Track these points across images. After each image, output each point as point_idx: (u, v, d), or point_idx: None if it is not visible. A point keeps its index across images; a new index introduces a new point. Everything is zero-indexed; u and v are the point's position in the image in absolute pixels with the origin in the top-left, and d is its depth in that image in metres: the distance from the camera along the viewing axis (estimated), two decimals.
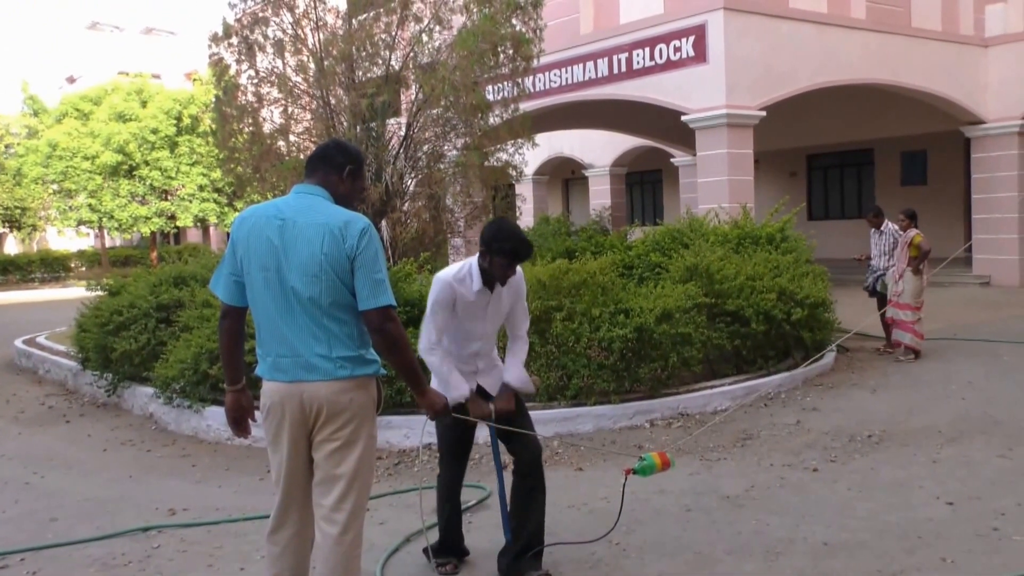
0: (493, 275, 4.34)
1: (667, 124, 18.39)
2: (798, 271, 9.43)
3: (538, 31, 11.94)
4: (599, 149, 22.85)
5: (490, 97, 12.41)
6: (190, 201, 26.51)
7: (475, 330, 4.48)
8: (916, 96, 15.85)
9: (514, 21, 11.98)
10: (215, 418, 8.11)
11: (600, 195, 23.29)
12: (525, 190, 23.74)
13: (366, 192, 11.72)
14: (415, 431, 7.56)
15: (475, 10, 12.12)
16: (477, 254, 4.40)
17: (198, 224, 28.21)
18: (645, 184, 26.79)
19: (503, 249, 4.23)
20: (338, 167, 3.53)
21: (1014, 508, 5.14)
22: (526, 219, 23.24)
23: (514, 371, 4.71)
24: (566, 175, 27.59)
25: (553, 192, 27.85)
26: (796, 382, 8.91)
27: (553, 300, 7.94)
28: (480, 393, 4.54)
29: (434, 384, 4.38)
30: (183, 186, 26.44)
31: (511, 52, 12.14)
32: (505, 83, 12.63)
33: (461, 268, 4.37)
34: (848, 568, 4.40)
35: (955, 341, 11.15)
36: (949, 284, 16.44)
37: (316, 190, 3.48)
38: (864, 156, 21.73)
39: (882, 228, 10.82)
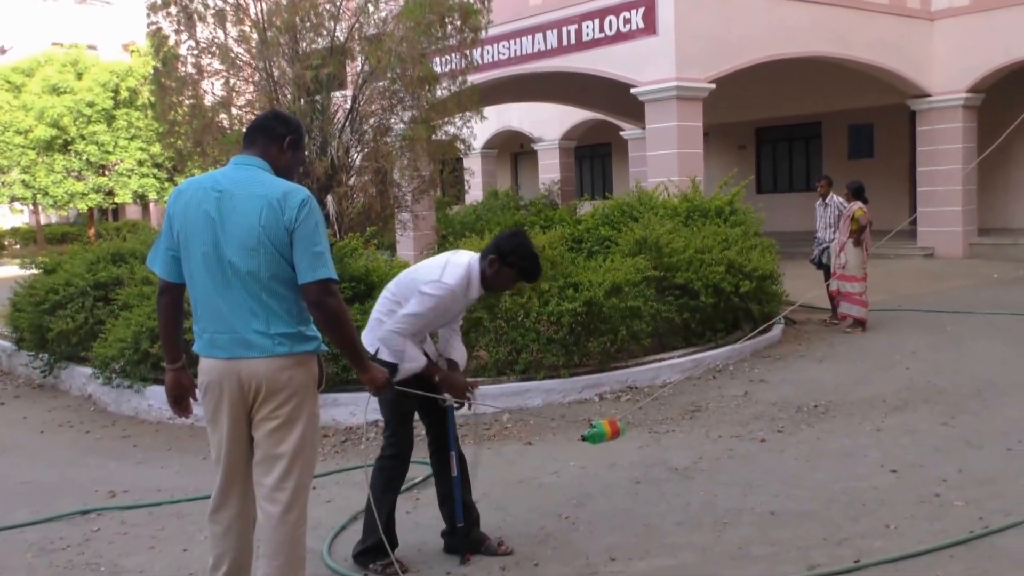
0: (493, 284, 4.33)
1: (617, 97, 18.39)
2: (747, 244, 9.53)
3: (486, 1, 11.84)
4: (548, 122, 22.83)
5: (438, 69, 12.30)
6: (129, 176, 25.93)
7: (442, 323, 4.52)
8: (864, 69, 16.03)
9: None
10: (156, 398, 7.99)
11: (549, 169, 23.30)
12: (473, 164, 23.70)
13: (307, 164, 11.61)
14: (361, 408, 7.52)
15: None
16: (476, 257, 4.33)
17: (137, 200, 27.64)
18: (595, 158, 26.85)
19: (521, 266, 4.27)
20: (277, 138, 3.47)
21: (956, 475, 5.27)
22: (475, 193, 23.20)
23: (459, 348, 4.73)
24: (515, 149, 27.54)
25: (502, 166, 27.80)
26: (744, 354, 9.03)
27: None
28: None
29: (384, 356, 4.31)
30: (121, 161, 25.85)
31: (459, 23, 12.04)
32: (453, 55, 12.53)
33: (461, 275, 4.25)
34: (795, 536, 4.48)
35: (900, 312, 11.37)
36: (894, 256, 16.72)
37: (255, 161, 3.42)
38: (812, 129, 21.98)
39: (827, 200, 10.97)
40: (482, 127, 16.56)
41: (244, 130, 11.81)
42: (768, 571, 4.12)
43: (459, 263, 4.31)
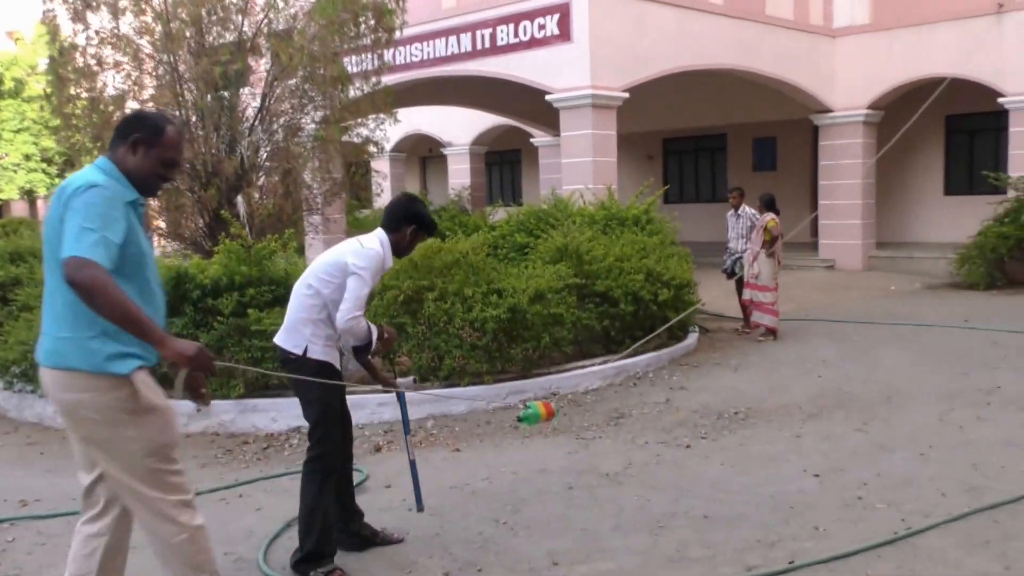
0: (409, 248, 4.59)
1: (529, 103, 18.56)
2: (664, 253, 9.78)
3: (401, 1, 11.85)
4: (459, 127, 22.89)
5: (351, 69, 12.25)
6: (15, 171, 24.94)
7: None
8: (769, 83, 16.60)
9: None
10: None
11: (459, 174, 23.36)
12: (382, 167, 23.54)
13: (216, 163, 11.40)
14: (283, 414, 7.47)
15: None
16: (378, 230, 4.50)
17: (24, 196, 26.59)
18: (504, 164, 27.01)
19: (428, 224, 4.56)
20: (123, 137, 3.29)
21: (875, 479, 5.53)
22: (386, 196, 23.03)
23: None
24: (424, 153, 27.49)
25: (411, 170, 27.72)
26: (663, 362, 9.27)
27: (425, 280, 7.96)
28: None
29: (315, 355, 4.37)
30: (7, 155, 24.85)
31: (372, 23, 12.03)
32: (366, 55, 12.49)
33: (379, 244, 4.44)
34: (730, 539, 4.64)
35: (808, 322, 11.81)
36: (797, 267, 17.33)
37: (103, 163, 3.27)
38: (718, 141, 22.60)
39: (739, 211, 11.33)
40: (391, 131, 16.52)
41: None
42: (706, 573, 4.27)
43: (371, 237, 4.50)
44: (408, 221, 4.48)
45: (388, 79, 13.06)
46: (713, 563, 4.37)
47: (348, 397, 4.71)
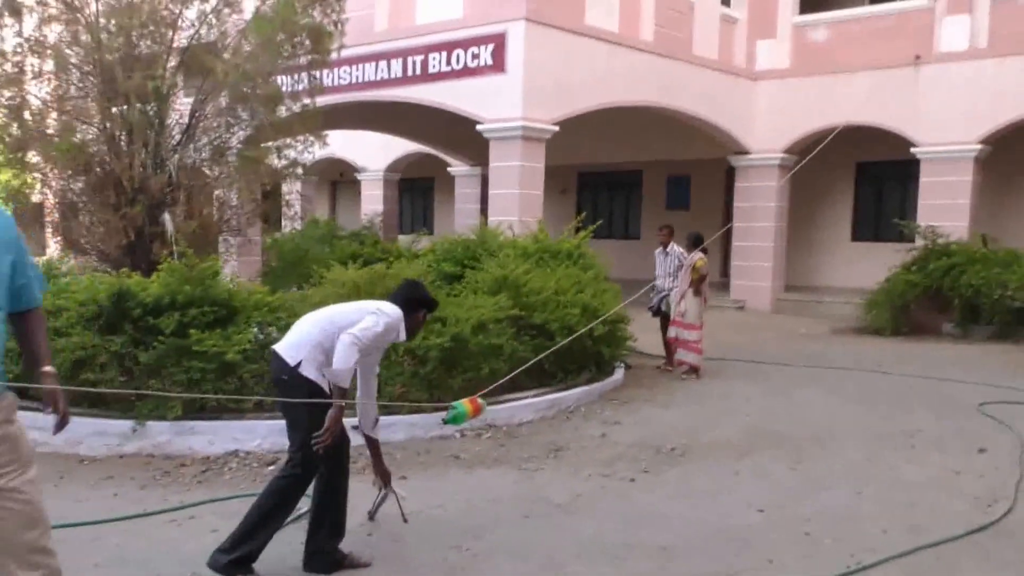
0: (414, 332, 5.17)
1: (449, 131, 18.94)
2: (599, 288, 10.13)
3: (340, 24, 12.03)
4: (373, 152, 22.99)
5: (283, 89, 12.36)
6: None
7: (374, 363, 5.27)
8: (692, 123, 17.28)
9: (314, 11, 12.00)
10: None
11: (372, 200, 23.45)
12: (292, 191, 23.44)
13: (142, 180, 11.33)
14: (220, 437, 7.52)
15: None
16: (391, 308, 4.93)
17: None
18: (416, 192, 27.20)
19: (434, 307, 5.33)
20: None
21: (817, 515, 5.94)
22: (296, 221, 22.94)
23: (373, 412, 5.58)
24: (334, 177, 27.48)
25: (320, 194, 27.66)
26: (593, 396, 9.60)
27: None
28: None
29: (307, 373, 4.69)
30: None
31: (308, 44, 12.16)
32: (298, 75, 12.61)
33: (396, 315, 4.91)
34: (690, 569, 4.97)
35: (726, 362, 12.32)
36: (709, 307, 17.92)
37: None
38: (633, 177, 23.29)
39: (668, 249, 11.81)
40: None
41: (77, 140, 11.38)
42: None
43: (390, 305, 4.95)
44: (422, 306, 5.11)
45: (309, 101, 13.18)
46: None
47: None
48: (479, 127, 13.79)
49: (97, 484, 6.69)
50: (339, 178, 27.20)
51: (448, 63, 14.02)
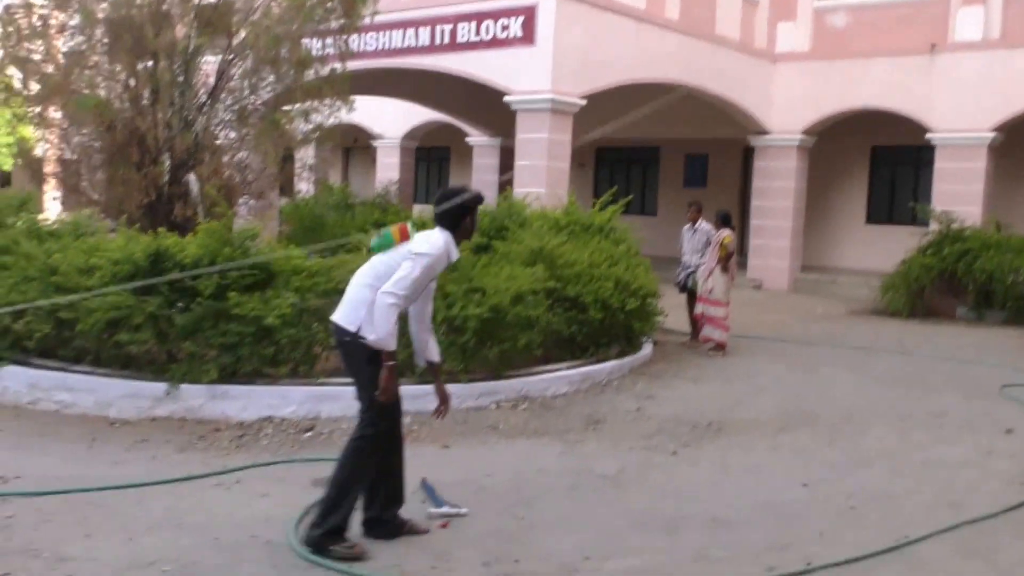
0: (470, 236, 4.93)
1: (473, 101, 18.80)
2: (631, 262, 10.09)
3: None
4: (391, 119, 22.81)
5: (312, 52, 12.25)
6: None
7: (428, 297, 5.01)
8: (714, 102, 17.19)
9: None
10: (14, 379, 7.66)
11: (388, 168, 23.31)
12: (306, 156, 23.30)
13: (169, 139, 11.26)
14: (255, 403, 7.49)
15: None
16: (436, 230, 4.74)
17: None
18: (432, 161, 27.06)
19: (479, 201, 4.92)
20: None
21: (860, 491, 5.93)
22: (308, 187, 22.83)
23: (434, 345, 5.20)
24: (347, 143, 27.33)
25: (333, 160, 27.52)
26: (624, 370, 9.58)
27: None
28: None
29: (367, 335, 4.59)
30: None
31: (340, 9, 12.04)
32: (325, 39, 12.50)
33: (442, 240, 4.70)
34: (744, 540, 4.96)
35: (750, 339, 12.29)
36: None
37: None
38: (651, 154, 23.21)
39: (696, 226, 11.76)
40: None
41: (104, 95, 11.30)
42: (732, 571, 4.57)
43: (433, 233, 4.74)
44: (466, 211, 4.80)
45: (338, 66, 13.07)
46: (735, 563, 4.68)
47: None
48: (507, 98, 13.70)
49: (132, 447, 6.65)
50: (352, 144, 27.03)
51: (477, 33, 13.91)
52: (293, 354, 7.70)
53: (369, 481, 4.71)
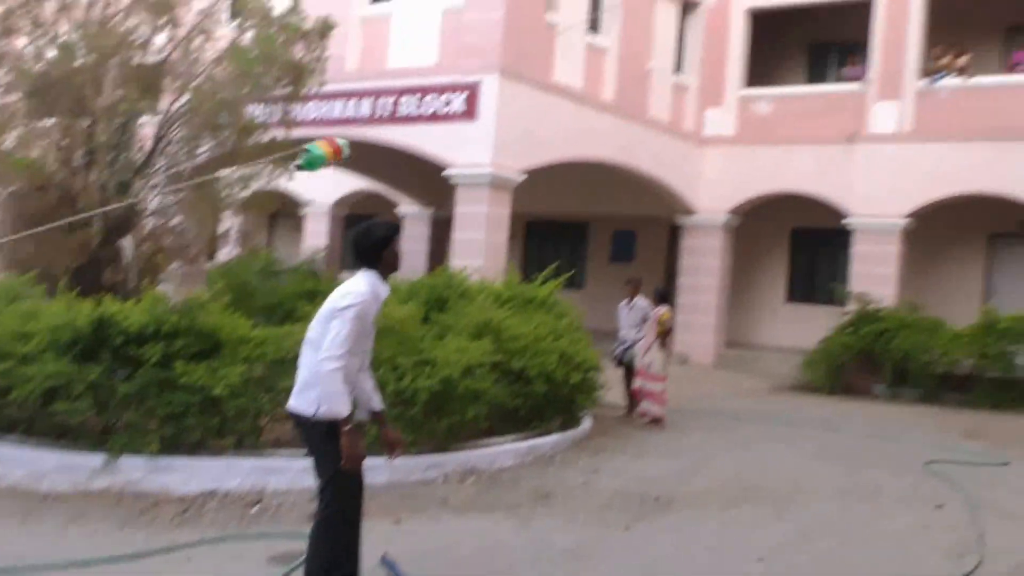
0: (395, 266, 4.77)
1: (407, 172, 18.92)
2: (574, 336, 10.15)
3: (321, 62, 11.95)
4: (321, 187, 22.66)
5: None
6: None
7: (367, 344, 4.79)
8: (645, 182, 17.57)
9: (295, 48, 11.90)
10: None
11: (317, 235, 23.11)
12: (233, 221, 23.01)
13: (103, 202, 11.01)
14: (197, 476, 7.26)
15: (252, 26, 11.90)
16: (360, 271, 4.66)
17: None
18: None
19: (395, 232, 4.78)
20: None
21: (813, 564, 6.07)
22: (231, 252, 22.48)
23: (377, 394, 5.04)
24: (272, 210, 27.06)
25: (258, 226, 27.20)
26: (567, 443, 9.57)
27: None
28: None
29: (324, 414, 4.47)
30: None
31: (286, 79, 12.04)
32: (269, 106, 12.46)
33: (365, 282, 4.59)
34: None
35: (683, 413, 12.37)
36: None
37: None
38: (580, 229, 23.49)
39: (633, 302, 11.93)
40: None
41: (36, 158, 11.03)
42: None
43: (354, 280, 4.66)
44: (383, 246, 4.68)
45: (279, 133, 13.03)
46: None
47: None
48: (447, 172, 13.80)
49: (69, 523, 6.38)
50: (279, 210, 26.76)
51: (419, 107, 14.03)
52: (239, 425, 7.52)
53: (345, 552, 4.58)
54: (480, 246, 13.48)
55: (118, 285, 11.47)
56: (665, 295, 11.58)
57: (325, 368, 4.40)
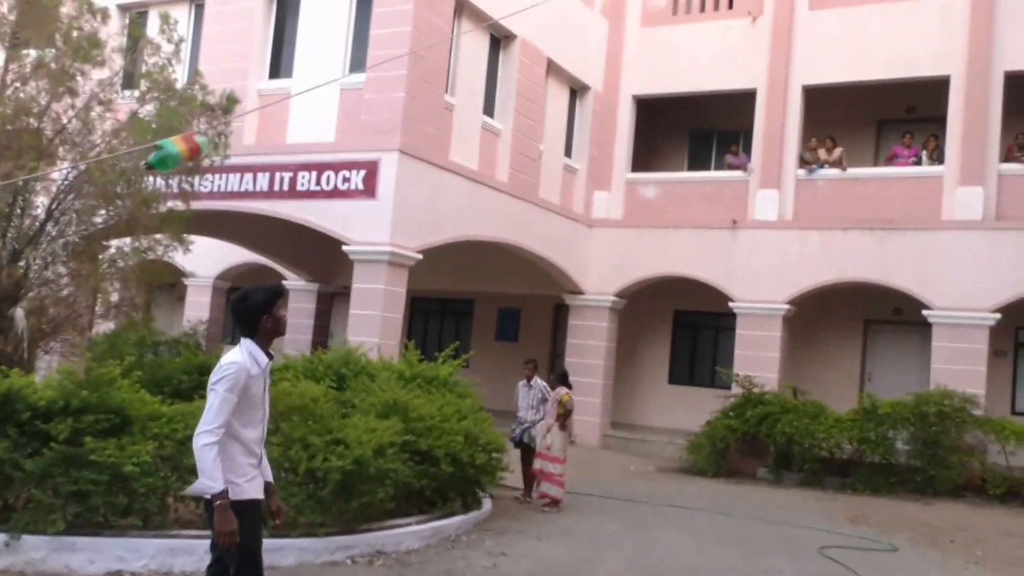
0: (279, 332, 4.78)
1: (294, 246, 18.94)
2: (478, 416, 10.34)
3: (225, 137, 12.01)
4: (204, 258, 22.37)
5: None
6: None
7: (258, 414, 4.76)
8: (535, 261, 18.04)
9: (199, 122, 11.95)
10: None
11: (198, 307, 22.72)
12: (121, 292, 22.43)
13: None
14: (103, 555, 7.13)
15: (153, 98, 11.93)
16: (241, 340, 4.70)
17: None
18: None
19: (277, 296, 4.74)
20: None
21: None
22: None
23: (267, 466, 5.01)
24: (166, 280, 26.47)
25: (138, 296, 26.49)
26: (469, 525, 9.70)
27: (269, 423, 7.99)
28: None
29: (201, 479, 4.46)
30: None
31: None
32: (166, 177, 12.41)
33: (240, 353, 4.62)
34: None
35: (576, 496, 12.64)
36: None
37: None
38: (465, 306, 23.80)
39: (532, 383, 12.21)
40: None
41: None
42: None
43: (231, 351, 4.72)
44: (261, 312, 4.70)
45: (177, 205, 12.96)
46: None
47: None
48: (345, 248, 13.90)
49: None
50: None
51: (318, 183, 14.15)
52: (147, 503, 7.41)
53: None
54: (376, 323, 13.58)
55: (7, 355, 11.15)
56: (565, 377, 11.90)
57: (197, 443, 4.42)
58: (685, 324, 21.78)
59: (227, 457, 4.54)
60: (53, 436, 7.16)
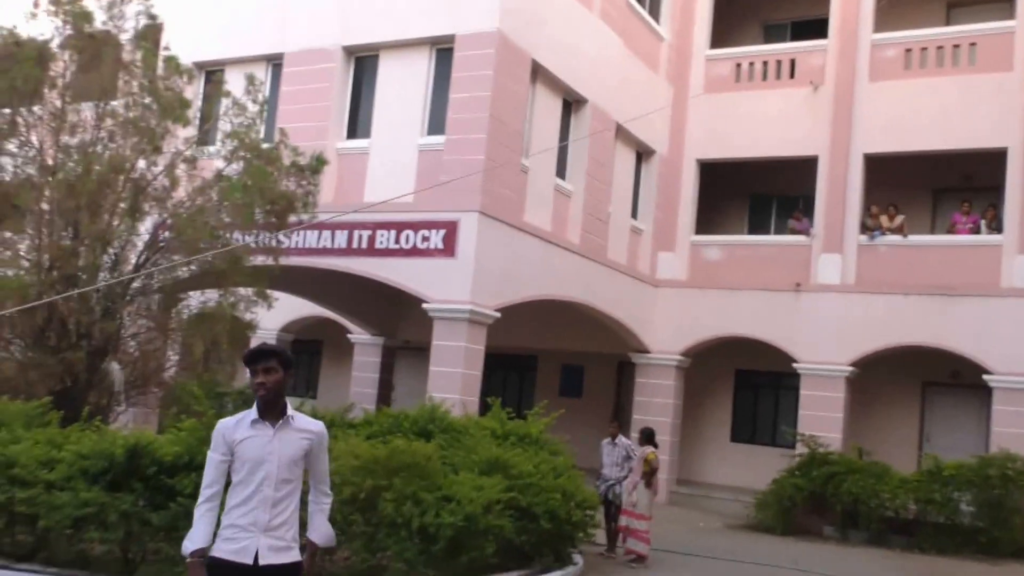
0: (256, 395, 4.48)
1: (362, 301, 19.25)
2: (571, 473, 10.45)
3: (313, 196, 12.36)
4: (271, 312, 22.79)
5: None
6: None
7: (255, 476, 4.47)
8: (603, 320, 18.22)
9: (288, 181, 12.33)
10: None
11: None
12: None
13: (87, 325, 11.06)
14: None
15: (241, 157, 12.30)
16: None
17: None
18: (302, 354, 26.90)
19: (249, 361, 4.46)
20: None
21: None
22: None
23: (321, 525, 4.80)
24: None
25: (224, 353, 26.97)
26: None
27: (383, 479, 8.19)
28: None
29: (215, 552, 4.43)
30: None
31: (277, 210, 12.41)
32: (254, 234, 12.78)
33: (241, 413, 4.56)
34: None
35: (657, 552, 12.64)
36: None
37: None
38: (529, 362, 23.95)
39: (616, 441, 12.33)
40: None
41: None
42: None
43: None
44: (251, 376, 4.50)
45: (265, 260, 13.29)
46: None
47: None
48: (426, 306, 14.15)
49: None
50: None
51: (397, 241, 14.44)
52: None
53: None
54: (458, 379, 13.78)
55: (102, 409, 11.47)
56: (651, 435, 12.05)
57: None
58: (747, 383, 21.78)
59: (225, 515, 4.50)
60: (179, 491, 7.37)
